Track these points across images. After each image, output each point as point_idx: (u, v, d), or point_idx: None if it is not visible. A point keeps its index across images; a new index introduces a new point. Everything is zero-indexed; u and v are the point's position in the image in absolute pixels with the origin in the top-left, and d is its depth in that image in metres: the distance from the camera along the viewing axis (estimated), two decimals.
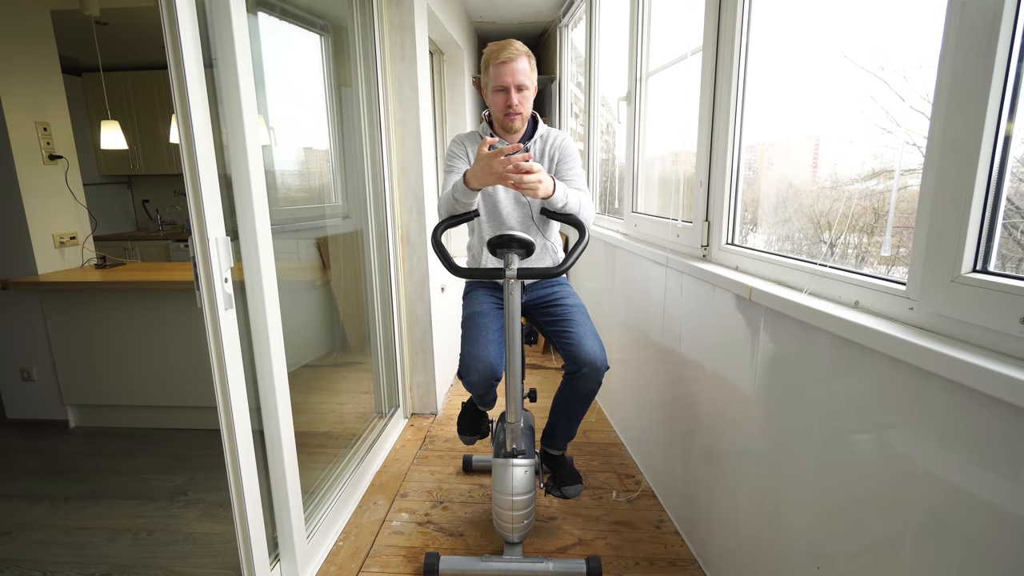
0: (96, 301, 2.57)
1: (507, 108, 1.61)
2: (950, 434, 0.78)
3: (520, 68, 1.58)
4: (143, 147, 4.65)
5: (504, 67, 1.57)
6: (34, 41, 2.60)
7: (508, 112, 1.62)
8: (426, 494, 2.08)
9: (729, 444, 1.47)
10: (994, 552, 0.72)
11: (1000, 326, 0.75)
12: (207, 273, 1.21)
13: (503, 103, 1.61)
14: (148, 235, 4.73)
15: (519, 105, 1.61)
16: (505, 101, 1.61)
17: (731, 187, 1.55)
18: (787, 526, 1.20)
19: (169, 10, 1.09)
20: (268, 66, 1.66)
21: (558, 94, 3.95)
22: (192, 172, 1.16)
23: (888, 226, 1.08)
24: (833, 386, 1.03)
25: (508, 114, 1.62)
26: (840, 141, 1.34)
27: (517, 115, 1.63)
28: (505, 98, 1.60)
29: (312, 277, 2.18)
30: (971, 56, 0.78)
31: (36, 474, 2.30)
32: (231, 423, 1.29)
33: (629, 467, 2.26)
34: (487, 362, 1.59)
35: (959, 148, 0.80)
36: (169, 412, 2.69)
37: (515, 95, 1.59)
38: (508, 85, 1.59)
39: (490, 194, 1.75)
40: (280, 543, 1.56)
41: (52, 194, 2.66)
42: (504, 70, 1.57)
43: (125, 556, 1.77)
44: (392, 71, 2.44)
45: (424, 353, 2.71)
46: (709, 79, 1.58)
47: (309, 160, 2.24)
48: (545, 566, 1.60)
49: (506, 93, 1.60)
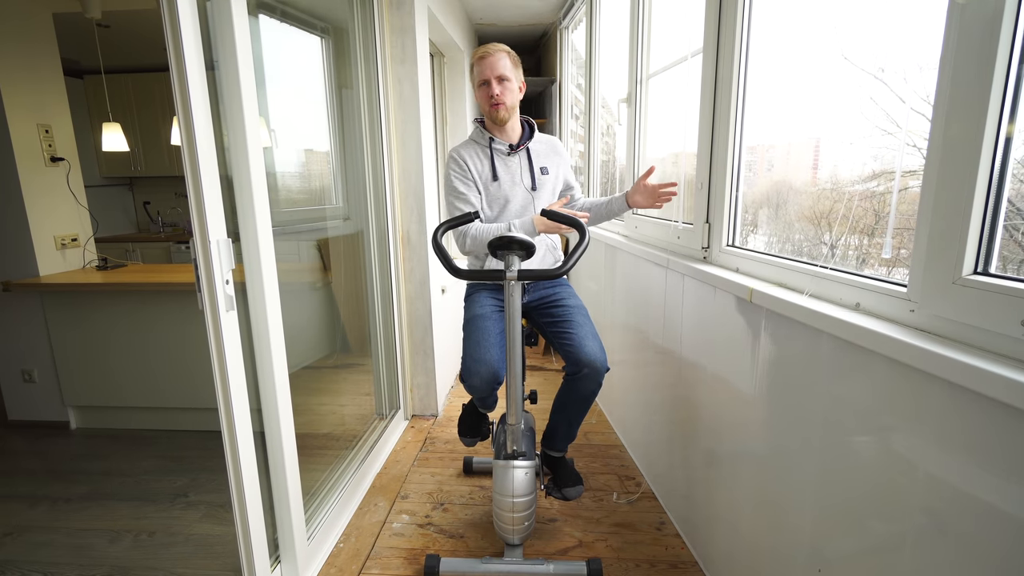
0: (97, 303, 2.57)
1: (490, 99, 1.69)
2: (951, 436, 0.78)
3: (499, 62, 1.68)
4: (144, 149, 4.66)
5: (483, 62, 1.68)
6: (36, 43, 2.61)
7: (492, 102, 1.69)
8: (427, 496, 2.08)
9: (730, 446, 1.47)
10: (996, 555, 0.72)
11: (1001, 328, 0.75)
12: (208, 275, 1.21)
13: (487, 95, 1.69)
14: (149, 237, 4.74)
15: (501, 95, 1.68)
16: (488, 92, 1.69)
17: (732, 189, 1.55)
18: (788, 528, 1.20)
19: (171, 12, 1.09)
20: (269, 68, 1.67)
21: (558, 96, 3.95)
22: (193, 174, 1.16)
23: (889, 228, 1.08)
24: (834, 388, 1.03)
25: (492, 104, 1.69)
26: (840, 143, 1.34)
27: (500, 104, 1.69)
28: (487, 90, 1.69)
29: (313, 278, 2.18)
30: (971, 58, 0.78)
31: (37, 475, 2.30)
32: (232, 425, 1.29)
33: (629, 469, 2.26)
34: (490, 366, 1.60)
35: (960, 150, 0.80)
36: (170, 414, 2.69)
37: (496, 86, 1.68)
38: (488, 78, 1.68)
39: (502, 196, 1.76)
40: (281, 545, 1.56)
41: (54, 196, 2.66)
42: (484, 65, 1.68)
43: (126, 557, 1.77)
44: (393, 73, 2.44)
45: (424, 355, 2.71)
46: (710, 81, 1.58)
47: (310, 162, 2.24)
48: (546, 568, 1.60)
49: (488, 86, 1.68)
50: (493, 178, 1.76)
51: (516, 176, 1.78)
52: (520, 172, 1.78)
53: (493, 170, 1.76)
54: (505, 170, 1.77)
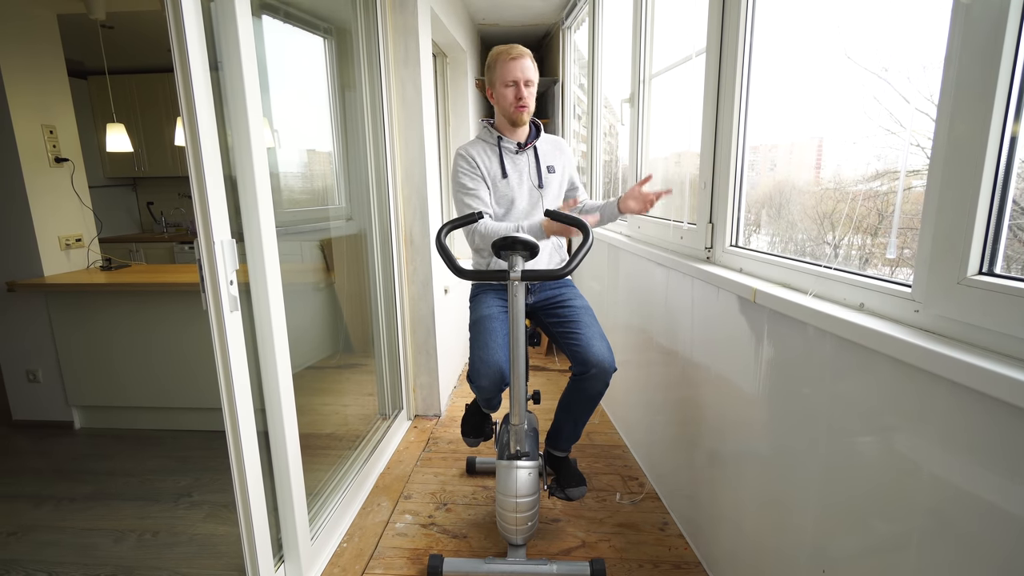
0: (101, 303, 2.58)
1: (517, 101, 1.70)
2: (956, 437, 0.78)
3: (528, 65, 1.70)
4: (148, 150, 4.68)
5: (514, 63, 1.68)
6: (40, 44, 2.62)
7: (518, 104, 1.71)
8: (430, 496, 2.08)
9: (733, 446, 1.46)
10: (1001, 556, 0.72)
11: (1007, 328, 0.75)
12: (212, 275, 1.21)
13: (513, 96, 1.71)
14: (153, 237, 4.75)
15: (528, 99, 1.71)
16: (515, 94, 1.70)
17: (735, 189, 1.55)
18: (792, 529, 1.19)
19: (175, 13, 1.10)
20: (273, 69, 1.67)
21: (561, 96, 3.95)
22: (198, 174, 1.16)
23: (893, 228, 1.08)
24: (838, 388, 1.03)
25: (518, 107, 1.71)
26: (843, 142, 1.34)
27: (524, 108, 1.72)
28: (515, 91, 1.70)
29: (316, 279, 2.19)
30: (976, 57, 0.78)
31: (41, 475, 2.31)
32: (236, 425, 1.29)
33: (633, 469, 2.26)
34: (497, 367, 1.60)
35: (965, 149, 0.80)
36: (174, 414, 2.70)
37: (524, 89, 1.70)
38: (519, 79, 1.69)
39: (510, 194, 1.77)
40: (284, 545, 1.57)
41: (58, 196, 2.67)
42: (515, 66, 1.68)
43: (130, 557, 1.77)
44: (396, 74, 2.45)
45: (428, 355, 2.71)
46: (713, 80, 1.58)
47: (313, 162, 2.25)
48: (549, 568, 1.60)
49: (516, 87, 1.69)
50: (502, 175, 1.76)
51: (524, 174, 1.79)
52: (528, 170, 1.79)
53: (502, 167, 1.76)
54: (513, 168, 1.78)
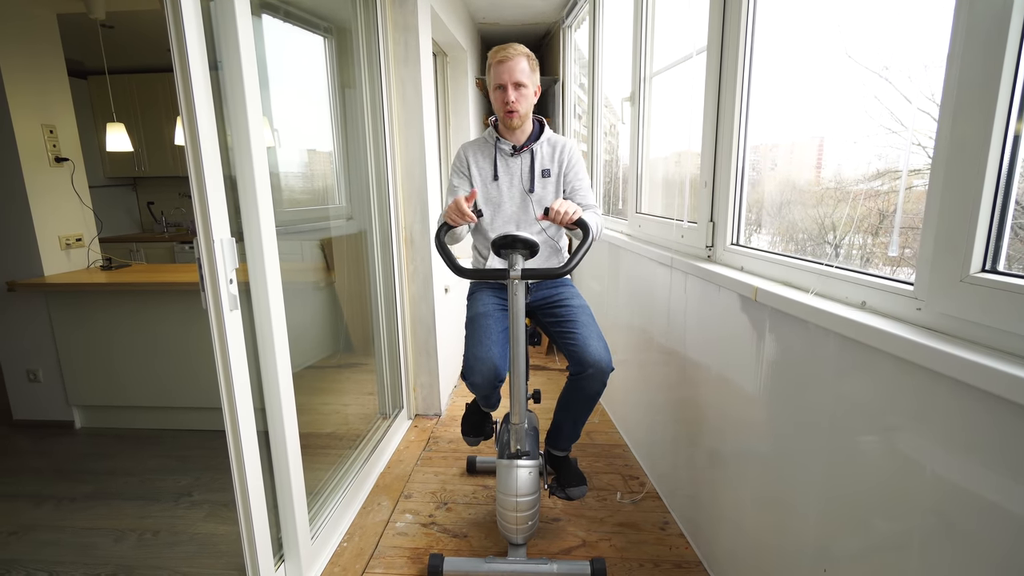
0: (101, 302, 2.58)
1: (504, 105, 1.66)
2: (958, 435, 0.78)
3: (518, 67, 1.63)
4: (148, 149, 4.68)
5: (502, 66, 1.63)
6: (40, 44, 2.62)
7: (507, 109, 1.66)
8: (430, 495, 2.08)
9: (734, 445, 1.46)
10: (1003, 556, 0.72)
11: (1009, 326, 0.75)
12: (212, 274, 1.21)
13: (501, 100, 1.67)
14: (153, 237, 4.75)
15: (516, 103, 1.66)
16: (503, 99, 1.66)
17: (736, 187, 1.55)
18: (793, 528, 1.19)
19: (174, 13, 1.09)
20: (272, 68, 1.67)
21: (561, 95, 3.94)
22: (197, 174, 1.16)
23: (895, 226, 1.08)
24: (840, 387, 1.03)
25: (507, 111, 1.67)
26: (844, 141, 1.34)
27: (514, 112, 1.67)
28: (503, 95, 1.66)
29: (316, 278, 2.18)
30: (979, 55, 0.77)
31: (42, 475, 2.31)
32: (236, 424, 1.29)
33: (633, 468, 2.25)
34: (490, 363, 1.60)
35: (967, 148, 0.80)
36: (174, 413, 2.70)
37: (512, 92, 1.65)
38: (505, 83, 1.64)
39: (495, 195, 1.76)
40: (284, 544, 1.57)
41: (58, 196, 2.67)
42: (502, 69, 1.63)
43: (130, 556, 1.77)
44: (396, 73, 2.44)
45: (428, 354, 2.71)
46: (714, 79, 1.58)
47: (313, 162, 2.25)
48: (549, 568, 1.60)
49: (503, 91, 1.65)
50: (493, 178, 1.76)
51: (515, 178, 1.77)
52: (520, 174, 1.77)
53: (494, 170, 1.76)
54: (505, 170, 1.77)
